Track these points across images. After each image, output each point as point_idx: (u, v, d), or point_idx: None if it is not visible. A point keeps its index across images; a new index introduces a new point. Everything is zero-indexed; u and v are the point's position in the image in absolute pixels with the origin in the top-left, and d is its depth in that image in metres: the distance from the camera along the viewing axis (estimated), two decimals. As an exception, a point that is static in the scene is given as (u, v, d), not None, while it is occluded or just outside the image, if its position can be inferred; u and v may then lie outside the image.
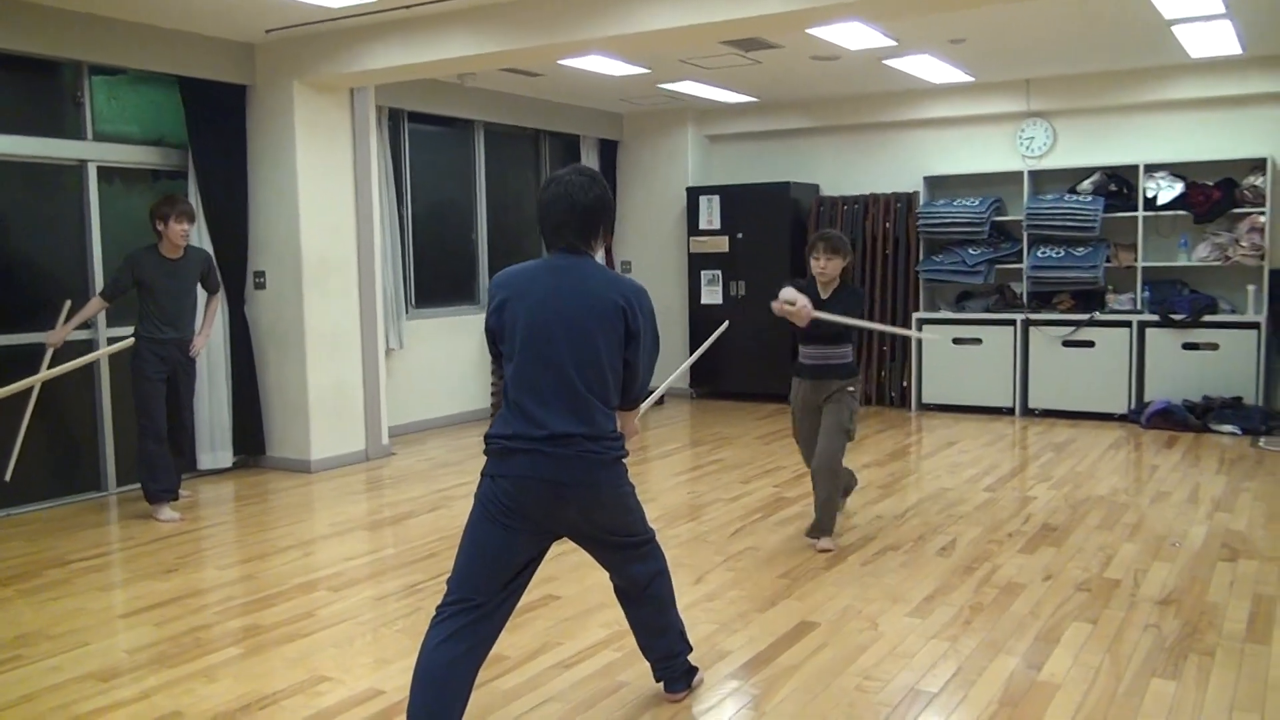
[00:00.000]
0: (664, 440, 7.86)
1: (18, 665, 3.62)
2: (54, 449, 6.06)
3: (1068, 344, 8.22)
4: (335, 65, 6.40)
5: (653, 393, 4.05)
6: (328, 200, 6.85)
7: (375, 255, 7.20)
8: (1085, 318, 8.17)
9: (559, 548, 3.15)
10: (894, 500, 5.78)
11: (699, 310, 9.70)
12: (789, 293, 4.58)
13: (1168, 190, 8.01)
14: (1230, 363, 7.70)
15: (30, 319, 5.84)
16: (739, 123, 9.81)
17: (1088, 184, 8.33)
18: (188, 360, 5.74)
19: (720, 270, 9.56)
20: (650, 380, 3.01)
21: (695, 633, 3.50)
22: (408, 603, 4.20)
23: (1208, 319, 7.78)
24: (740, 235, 9.41)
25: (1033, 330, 8.36)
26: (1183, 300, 7.92)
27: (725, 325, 4.86)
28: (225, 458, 6.78)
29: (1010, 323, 8.43)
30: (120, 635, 3.92)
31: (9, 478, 5.47)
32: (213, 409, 6.68)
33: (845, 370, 4.80)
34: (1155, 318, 7.92)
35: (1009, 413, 8.48)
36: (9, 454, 5.48)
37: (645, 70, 7.74)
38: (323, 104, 6.79)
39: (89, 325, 6.00)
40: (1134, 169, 8.15)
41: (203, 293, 5.90)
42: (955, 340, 8.62)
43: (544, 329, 2.76)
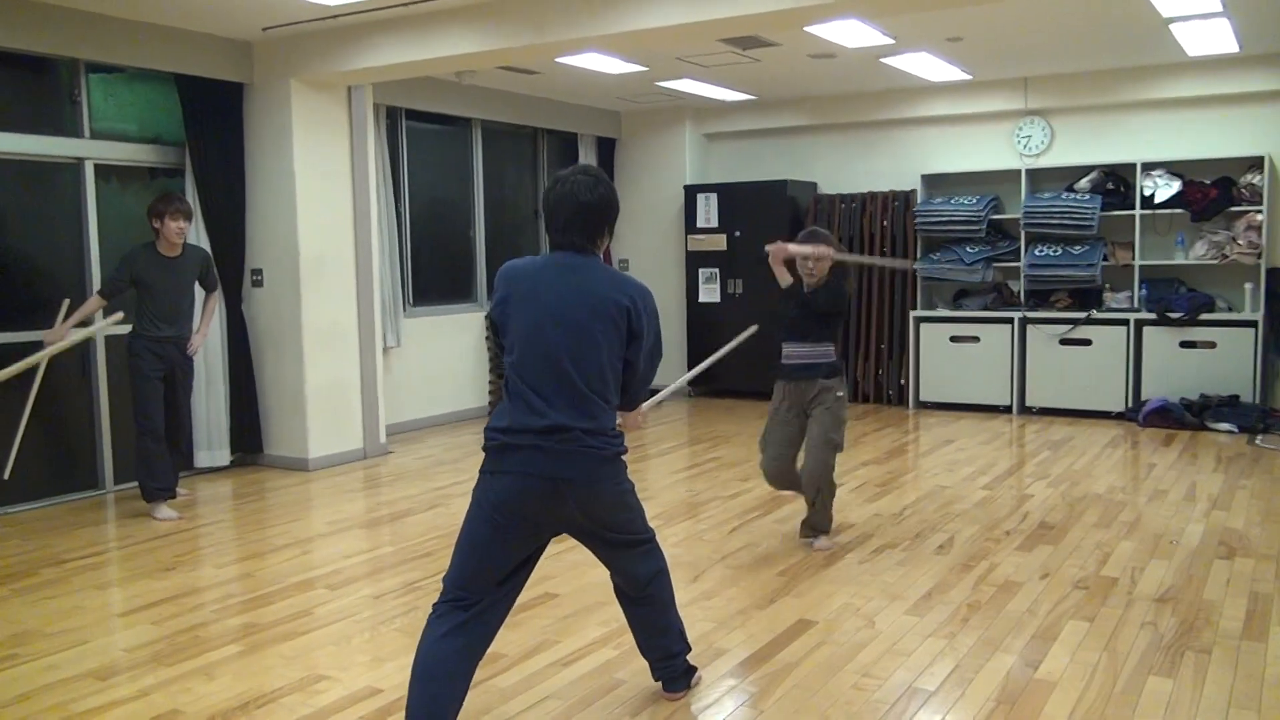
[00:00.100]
0: (662, 438, 7.86)
1: (15, 664, 3.62)
2: (51, 447, 6.05)
3: (1065, 342, 8.23)
4: (332, 63, 6.40)
5: (660, 390, 4.05)
6: (325, 198, 6.85)
7: (373, 253, 7.20)
8: (1083, 316, 8.18)
9: (557, 545, 3.16)
10: (891, 498, 5.78)
11: (696, 308, 9.70)
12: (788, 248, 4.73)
13: (1165, 188, 8.02)
14: (1227, 361, 7.71)
15: (28, 317, 5.83)
16: (737, 121, 9.80)
17: (1085, 182, 8.33)
18: (185, 359, 5.74)
19: (718, 268, 9.56)
20: (651, 381, 3.02)
21: (693, 631, 3.50)
22: (405, 601, 4.20)
23: (1205, 317, 7.79)
24: (738, 233, 9.41)
25: (1030, 328, 8.36)
26: (1180, 298, 7.92)
27: (754, 329, 4.74)
28: (223, 456, 6.77)
29: (1008, 321, 8.43)
30: (118, 634, 3.92)
31: (8, 475, 5.47)
32: (210, 407, 6.67)
33: (828, 369, 4.70)
34: (1152, 316, 7.93)
35: (1006, 411, 8.49)
36: (8, 452, 5.47)
37: (643, 68, 7.74)
38: (320, 102, 6.79)
39: (87, 323, 6.00)
40: (1131, 167, 8.16)
41: (200, 291, 5.90)
42: (953, 338, 8.63)
43: (547, 326, 2.77)
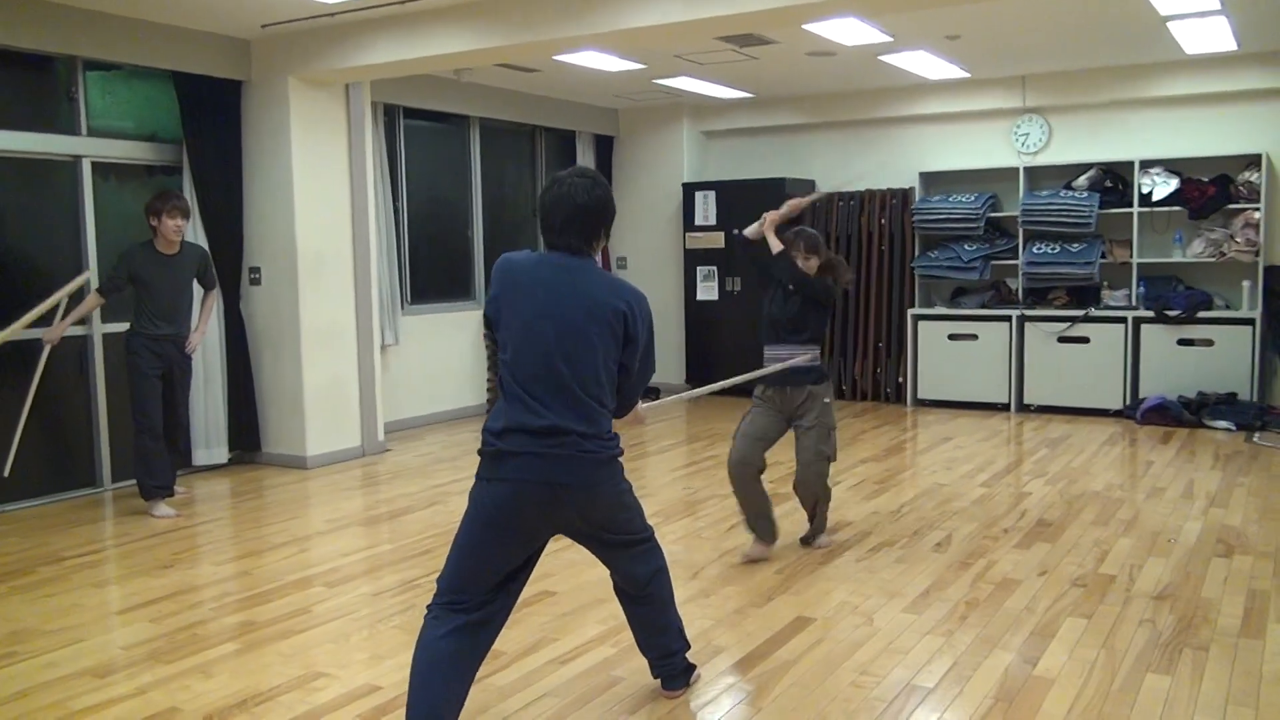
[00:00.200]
0: (660, 436, 7.86)
1: (13, 661, 3.62)
2: (50, 445, 6.04)
3: (1063, 340, 8.23)
4: (330, 60, 6.39)
5: (671, 395, 3.99)
6: (323, 196, 6.84)
7: (371, 251, 7.19)
8: (1080, 314, 8.18)
9: (555, 543, 3.15)
10: (889, 496, 5.78)
11: (694, 306, 9.70)
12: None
13: (1163, 186, 8.02)
14: (1225, 359, 7.71)
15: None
16: (735, 118, 9.80)
17: (1083, 180, 8.33)
18: (183, 357, 5.73)
19: (715, 266, 9.55)
20: (645, 386, 3.01)
21: (691, 629, 3.50)
22: (404, 598, 4.20)
23: (1202, 315, 7.79)
24: (735, 231, 9.38)
25: (1028, 326, 8.36)
26: (1178, 296, 7.93)
27: (791, 363, 4.51)
28: (221, 454, 6.77)
29: (1006, 319, 8.43)
30: (116, 631, 3.92)
31: (7, 473, 5.47)
32: (208, 405, 6.67)
33: (815, 374, 4.56)
34: (1150, 314, 7.94)
35: (1004, 408, 8.50)
36: (7, 450, 5.48)
37: (641, 66, 7.73)
38: (318, 99, 6.78)
39: (85, 321, 5.99)
40: (1129, 165, 8.16)
41: (199, 289, 5.90)
42: (951, 336, 8.63)
43: (541, 329, 2.75)
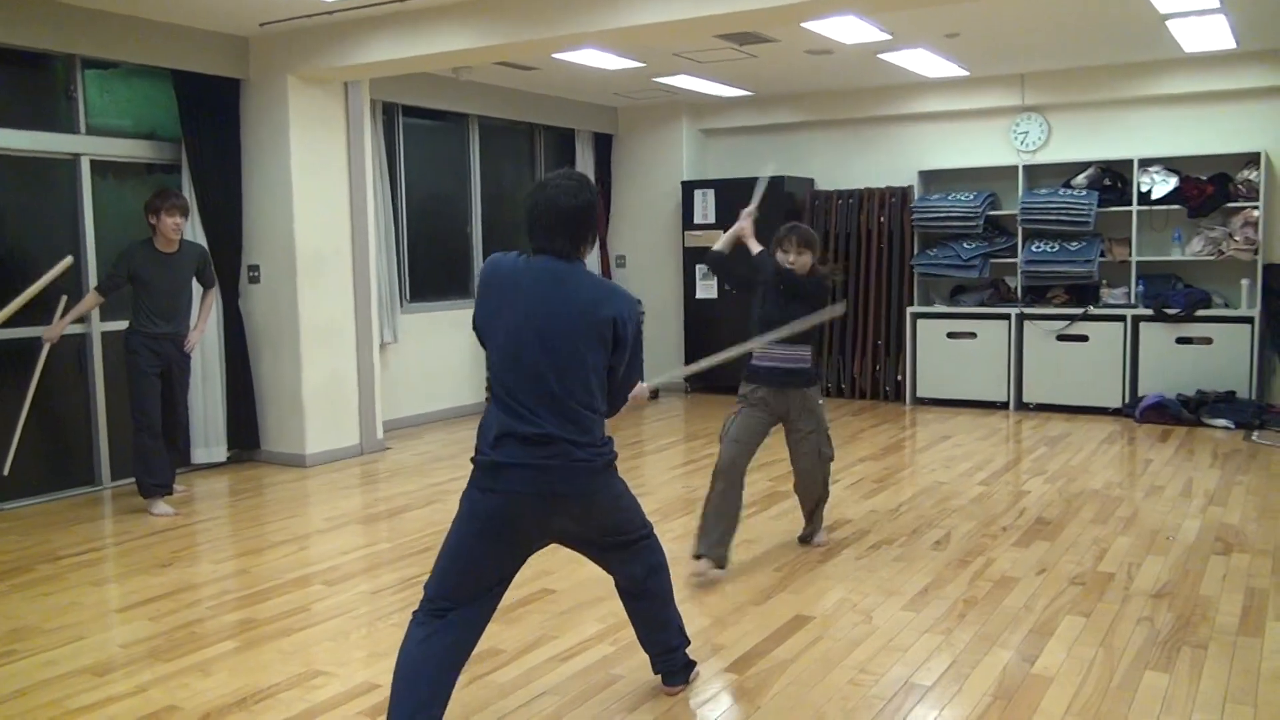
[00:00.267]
0: (658, 434, 7.86)
1: (12, 660, 3.62)
2: (49, 443, 6.04)
3: (1062, 338, 8.24)
4: (329, 59, 6.39)
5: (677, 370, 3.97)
6: (322, 194, 6.84)
7: (369, 249, 7.19)
8: (1079, 312, 8.18)
9: (554, 542, 3.15)
10: (888, 494, 5.78)
11: (693, 305, 9.70)
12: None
13: (1162, 184, 8.02)
14: (1223, 357, 7.72)
15: (26, 314, 5.79)
16: (734, 117, 9.79)
17: (1082, 178, 8.33)
18: (182, 355, 5.73)
19: (715, 264, 9.54)
20: (633, 387, 2.98)
21: (690, 627, 3.49)
22: (403, 596, 4.20)
23: (1201, 313, 7.80)
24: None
25: (1027, 324, 8.37)
26: (1176, 294, 7.93)
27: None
28: (220, 452, 6.76)
29: (1004, 317, 8.44)
30: (115, 630, 3.92)
31: (6, 471, 5.47)
32: (207, 403, 6.66)
33: (806, 377, 4.47)
34: (1149, 312, 7.94)
35: (1003, 407, 8.50)
36: (7, 448, 5.48)
37: (640, 64, 7.73)
38: (317, 97, 6.78)
39: (84, 320, 5.99)
40: (1128, 163, 8.16)
41: (198, 287, 5.89)
42: (950, 334, 8.64)
43: (529, 339, 2.71)
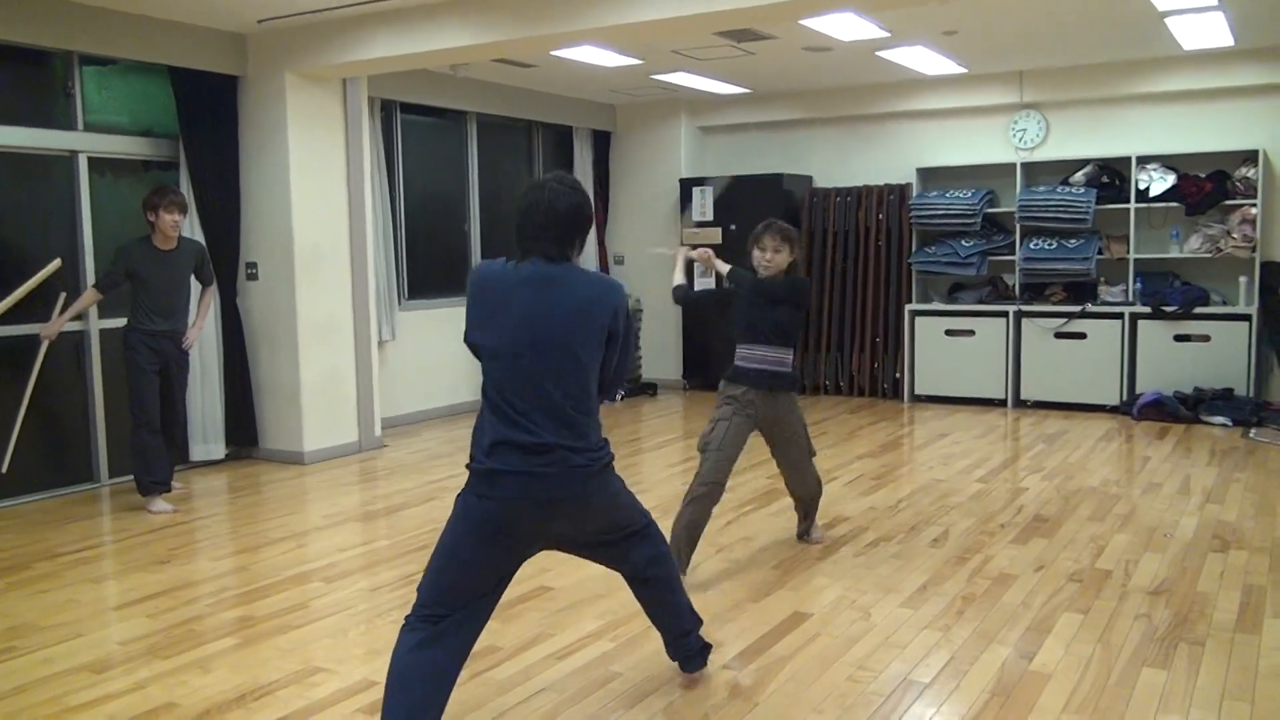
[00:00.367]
0: (657, 432, 7.86)
1: (10, 657, 3.62)
2: (47, 440, 6.03)
3: (1060, 336, 8.24)
4: (327, 56, 6.38)
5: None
6: (320, 191, 6.83)
7: (368, 246, 7.18)
8: (1077, 309, 8.19)
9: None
10: (886, 492, 5.79)
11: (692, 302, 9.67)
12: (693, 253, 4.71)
13: (1160, 182, 8.03)
14: (1221, 354, 7.72)
15: (24, 310, 5.81)
16: (732, 114, 9.79)
17: (1080, 176, 8.34)
18: (181, 352, 5.72)
19: (713, 262, 9.54)
20: (626, 376, 2.98)
21: (689, 623, 3.50)
22: (401, 594, 4.20)
23: (1199, 311, 7.80)
24: (733, 227, 9.40)
25: (1025, 322, 8.37)
26: (1174, 292, 7.94)
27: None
28: (218, 449, 6.76)
29: (1002, 314, 8.44)
30: (113, 627, 3.92)
31: (4, 469, 5.47)
32: (205, 401, 6.66)
33: (791, 380, 4.40)
34: (1147, 309, 7.95)
35: (1001, 404, 8.51)
36: (5, 445, 5.48)
37: (638, 61, 7.73)
38: (315, 94, 6.77)
39: (82, 317, 5.99)
40: (1126, 161, 8.16)
41: (196, 285, 5.89)
42: (948, 332, 8.64)
43: (524, 348, 2.68)
